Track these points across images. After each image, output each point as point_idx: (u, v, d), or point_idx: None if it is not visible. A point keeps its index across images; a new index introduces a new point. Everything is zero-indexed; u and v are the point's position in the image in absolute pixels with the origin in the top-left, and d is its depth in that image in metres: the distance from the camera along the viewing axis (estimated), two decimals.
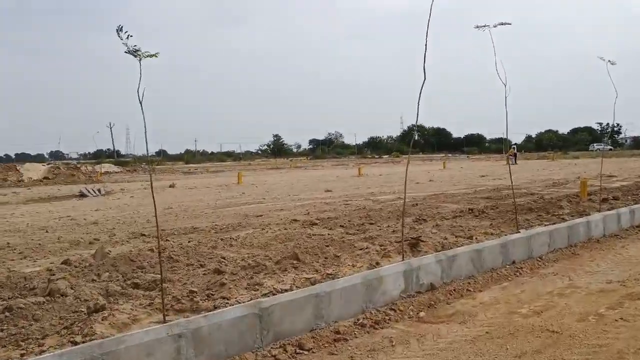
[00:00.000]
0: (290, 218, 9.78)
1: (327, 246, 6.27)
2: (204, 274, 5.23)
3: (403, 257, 5.41)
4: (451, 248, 6.00)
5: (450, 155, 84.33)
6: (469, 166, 35.51)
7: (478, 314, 4.53)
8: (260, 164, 60.69)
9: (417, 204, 11.38)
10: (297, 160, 73.00)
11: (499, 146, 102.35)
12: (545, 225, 7.32)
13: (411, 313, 4.55)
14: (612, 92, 8.12)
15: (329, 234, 7.68)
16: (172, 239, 7.86)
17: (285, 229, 8.46)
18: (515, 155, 37.41)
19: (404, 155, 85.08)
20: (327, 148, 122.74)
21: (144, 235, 8.48)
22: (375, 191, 15.88)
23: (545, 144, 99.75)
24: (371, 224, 8.93)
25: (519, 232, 6.77)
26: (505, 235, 6.64)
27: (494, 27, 5.85)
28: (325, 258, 5.75)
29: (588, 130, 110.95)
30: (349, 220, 9.15)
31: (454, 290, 5.12)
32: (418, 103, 5.09)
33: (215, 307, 3.93)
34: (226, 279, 4.69)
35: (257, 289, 4.52)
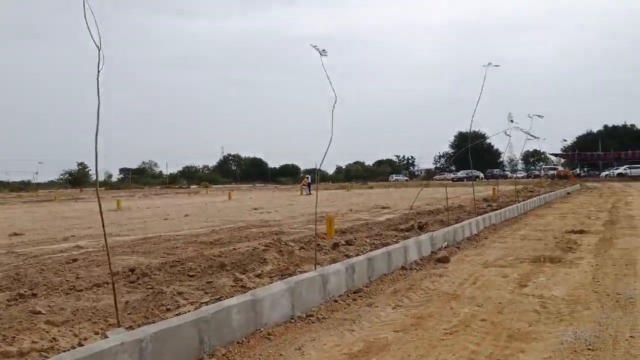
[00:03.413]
0: None
1: None
2: None
3: None
4: None
5: (262, 185, 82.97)
6: (262, 196, 32.95)
7: None
8: (30, 195, 50.24)
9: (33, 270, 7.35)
10: (88, 190, 63.14)
11: (313, 176, 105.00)
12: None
13: None
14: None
15: None
16: None
17: None
18: (309, 185, 36.21)
19: (215, 186, 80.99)
20: (138, 177, 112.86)
21: None
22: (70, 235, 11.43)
23: (353, 174, 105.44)
24: None
25: None
26: None
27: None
28: None
29: (389, 162, 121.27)
30: None
31: None
32: None
33: None
34: None
35: None
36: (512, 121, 15.66)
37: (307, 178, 37.40)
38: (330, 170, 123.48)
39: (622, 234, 9.67)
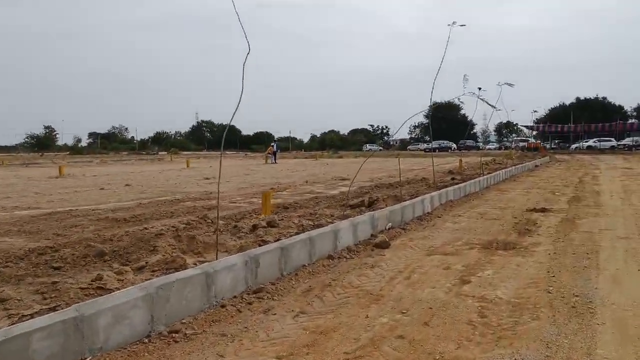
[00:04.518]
0: None
1: None
2: None
3: None
4: None
5: (233, 152, 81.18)
6: (224, 164, 31.54)
7: None
8: None
9: None
10: (51, 156, 60.44)
11: (286, 144, 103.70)
12: None
13: None
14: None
15: None
16: None
17: None
18: (274, 153, 34.89)
19: (185, 153, 78.89)
20: (108, 143, 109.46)
21: None
22: None
23: (328, 143, 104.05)
24: None
25: None
26: None
27: None
28: None
29: (364, 131, 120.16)
30: None
31: None
32: None
33: None
34: None
35: None
36: (480, 88, 14.62)
37: (273, 146, 35.96)
38: (306, 138, 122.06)
39: (587, 213, 8.85)
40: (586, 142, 59.36)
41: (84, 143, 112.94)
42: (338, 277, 4.91)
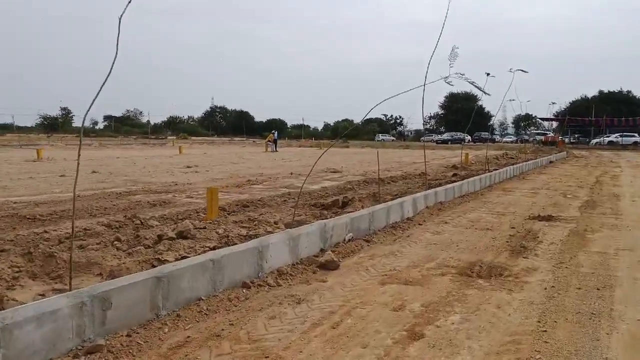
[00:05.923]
0: None
1: None
2: None
3: None
4: None
5: (243, 139, 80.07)
6: (222, 151, 30.28)
7: None
8: None
9: None
10: (58, 137, 59.68)
11: (299, 132, 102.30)
12: None
13: None
14: None
15: None
16: None
17: None
18: (275, 141, 33.42)
19: (194, 138, 78.03)
20: (121, 126, 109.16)
21: None
22: None
23: (340, 132, 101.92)
24: None
25: None
26: None
27: None
28: None
29: (378, 120, 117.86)
30: None
31: None
32: None
33: None
34: None
35: None
36: (488, 74, 12.88)
37: (273, 134, 34.49)
38: (319, 126, 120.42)
39: (602, 224, 7.30)
40: (607, 137, 56.65)
41: (100, 126, 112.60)
42: (239, 320, 3.49)
